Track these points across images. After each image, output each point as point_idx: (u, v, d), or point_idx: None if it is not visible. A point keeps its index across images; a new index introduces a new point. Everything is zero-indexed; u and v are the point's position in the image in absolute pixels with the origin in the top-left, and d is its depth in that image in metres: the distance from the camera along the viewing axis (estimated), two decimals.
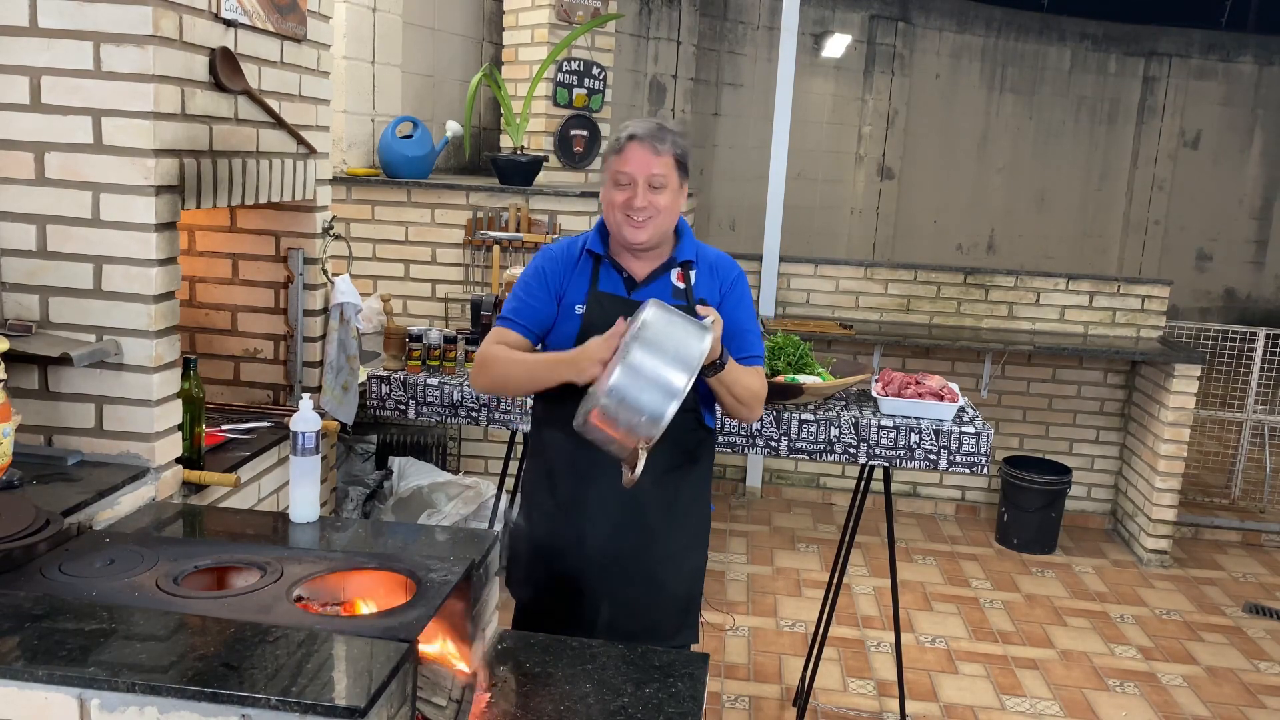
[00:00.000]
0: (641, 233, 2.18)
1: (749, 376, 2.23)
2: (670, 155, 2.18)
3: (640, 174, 2.15)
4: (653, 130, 2.17)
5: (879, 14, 9.61)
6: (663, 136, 2.17)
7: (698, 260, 2.30)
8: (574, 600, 2.29)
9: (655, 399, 1.88)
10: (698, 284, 2.27)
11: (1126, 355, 5.05)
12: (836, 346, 5.28)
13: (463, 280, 4.54)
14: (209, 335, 3.05)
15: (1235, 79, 11.12)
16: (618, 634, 2.23)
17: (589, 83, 5.42)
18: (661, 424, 1.88)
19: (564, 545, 2.29)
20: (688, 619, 2.38)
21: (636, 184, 2.16)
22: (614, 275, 2.27)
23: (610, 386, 1.89)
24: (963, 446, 3.01)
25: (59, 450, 2.22)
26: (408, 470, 4.10)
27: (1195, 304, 11.36)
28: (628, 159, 2.17)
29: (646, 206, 2.16)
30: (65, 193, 2.15)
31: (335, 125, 4.52)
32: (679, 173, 2.21)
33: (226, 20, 2.37)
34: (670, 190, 2.19)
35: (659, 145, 2.16)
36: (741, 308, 2.32)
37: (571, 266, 2.28)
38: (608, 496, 2.23)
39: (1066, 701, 3.70)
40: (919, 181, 10.25)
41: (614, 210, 2.19)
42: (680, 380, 1.89)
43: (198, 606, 1.67)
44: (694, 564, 2.39)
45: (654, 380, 1.89)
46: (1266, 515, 5.69)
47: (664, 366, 1.90)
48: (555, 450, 2.30)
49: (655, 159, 2.16)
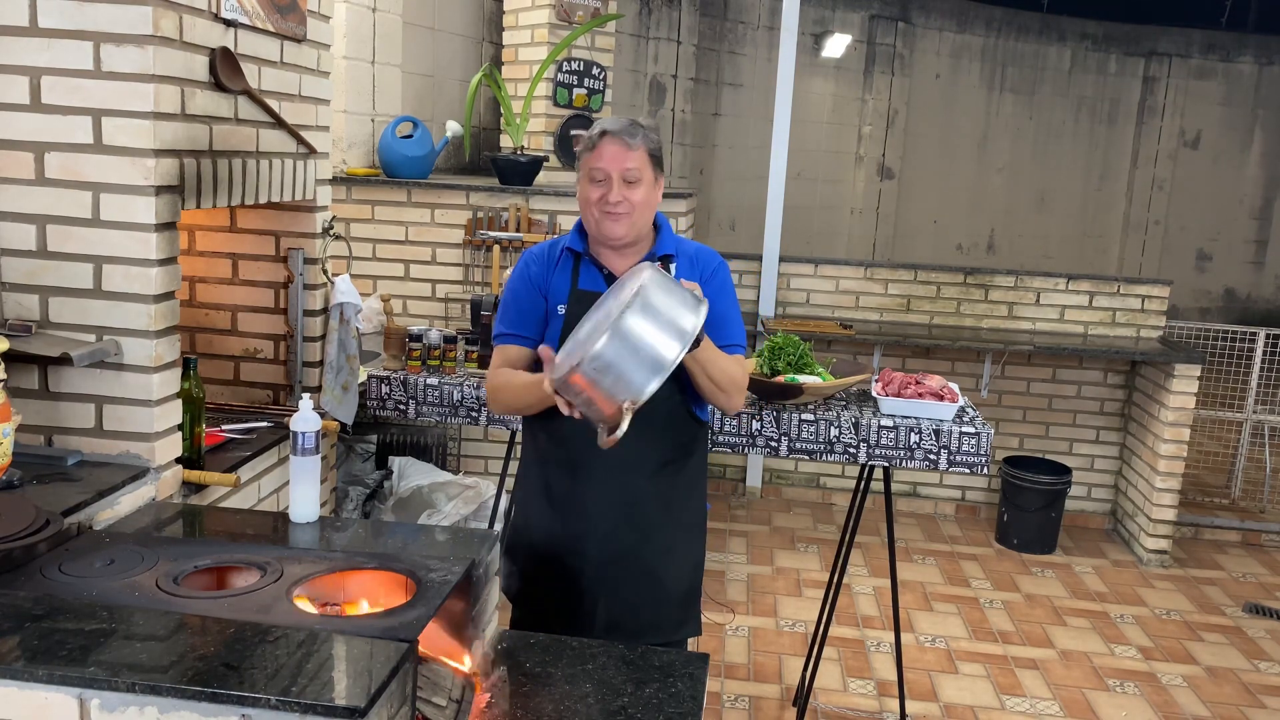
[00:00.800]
0: (618, 227, 2.18)
1: (727, 361, 2.21)
2: (643, 149, 2.18)
3: (614, 169, 2.15)
4: (624, 126, 2.17)
5: (879, 14, 9.61)
6: (634, 132, 2.17)
7: (677, 254, 2.30)
8: (573, 600, 2.28)
9: (644, 368, 1.80)
10: (677, 276, 2.26)
11: (1126, 355, 5.05)
12: (836, 346, 5.28)
13: (463, 280, 4.54)
14: (209, 335, 3.05)
15: (1235, 79, 11.12)
16: (620, 631, 2.23)
17: (589, 83, 5.42)
18: (647, 391, 1.81)
19: (561, 544, 2.29)
20: (689, 612, 2.38)
21: (611, 179, 2.16)
22: (594, 272, 2.27)
23: (596, 352, 1.80)
24: (963, 446, 3.01)
25: (59, 450, 2.22)
26: (408, 470, 4.10)
27: (1195, 304, 11.36)
28: (601, 155, 2.17)
29: (622, 201, 2.16)
30: (65, 193, 2.15)
31: (335, 125, 4.52)
32: (653, 167, 2.21)
33: (226, 20, 2.37)
34: (645, 184, 2.19)
35: (631, 140, 2.16)
36: (723, 296, 2.30)
37: (552, 266, 2.29)
38: (603, 494, 2.23)
39: (1066, 701, 3.70)
40: (919, 181, 10.25)
41: (590, 207, 2.19)
42: (672, 351, 1.82)
43: (198, 606, 1.67)
44: (692, 557, 2.39)
45: (646, 348, 1.81)
46: (1266, 515, 5.69)
47: (658, 334, 1.82)
48: (548, 448, 2.30)
49: (629, 153, 2.16)
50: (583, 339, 1.93)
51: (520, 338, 2.28)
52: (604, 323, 1.85)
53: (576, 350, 1.90)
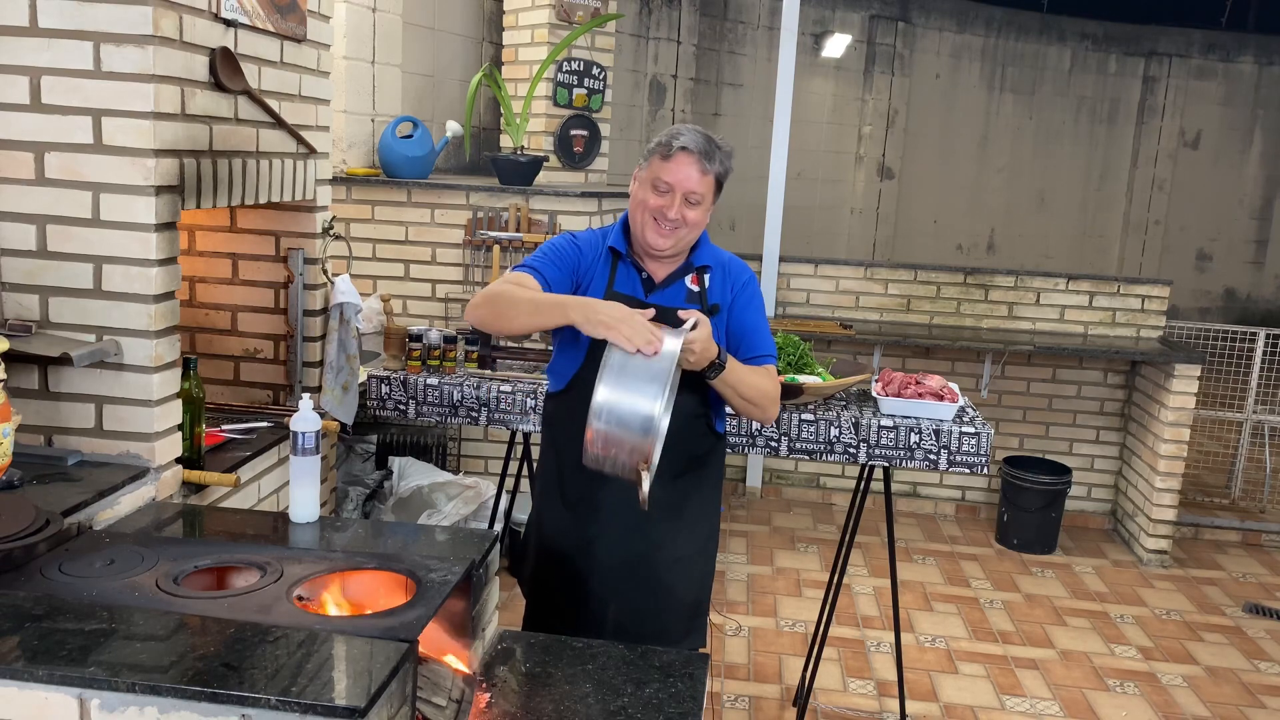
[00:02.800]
0: (666, 241, 2.18)
1: (756, 376, 2.20)
2: (714, 176, 2.18)
3: (681, 187, 2.15)
4: (705, 147, 2.15)
5: (879, 14, 9.61)
6: (713, 156, 2.16)
7: (714, 265, 2.31)
8: (583, 602, 2.29)
9: (635, 424, 1.86)
10: (711, 287, 2.27)
11: (1126, 355, 5.05)
12: (836, 346, 5.28)
13: (463, 280, 4.54)
14: (209, 335, 3.05)
15: (1235, 79, 11.12)
16: (626, 636, 2.23)
17: (589, 83, 5.42)
18: (648, 445, 1.86)
19: (573, 546, 2.29)
20: (696, 623, 2.38)
21: (675, 194, 2.15)
22: (633, 275, 2.26)
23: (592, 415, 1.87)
24: (963, 446, 3.01)
25: (59, 450, 2.22)
26: (408, 470, 4.10)
27: (1195, 304, 11.37)
28: (673, 168, 2.15)
29: (679, 220, 2.16)
30: (65, 193, 2.15)
31: (335, 125, 4.52)
32: (715, 192, 2.22)
33: (226, 20, 2.37)
34: (704, 208, 2.19)
35: (707, 164, 2.15)
36: (751, 308, 2.31)
37: (597, 259, 2.28)
38: (618, 499, 2.22)
39: (1066, 701, 3.70)
40: (919, 181, 10.25)
41: (644, 211, 2.18)
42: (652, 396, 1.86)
43: (198, 606, 1.67)
44: (703, 569, 2.38)
45: (630, 408, 1.86)
46: (1266, 515, 5.69)
47: (634, 391, 1.87)
48: (565, 449, 2.29)
49: (700, 177, 2.15)
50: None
51: (542, 277, 2.19)
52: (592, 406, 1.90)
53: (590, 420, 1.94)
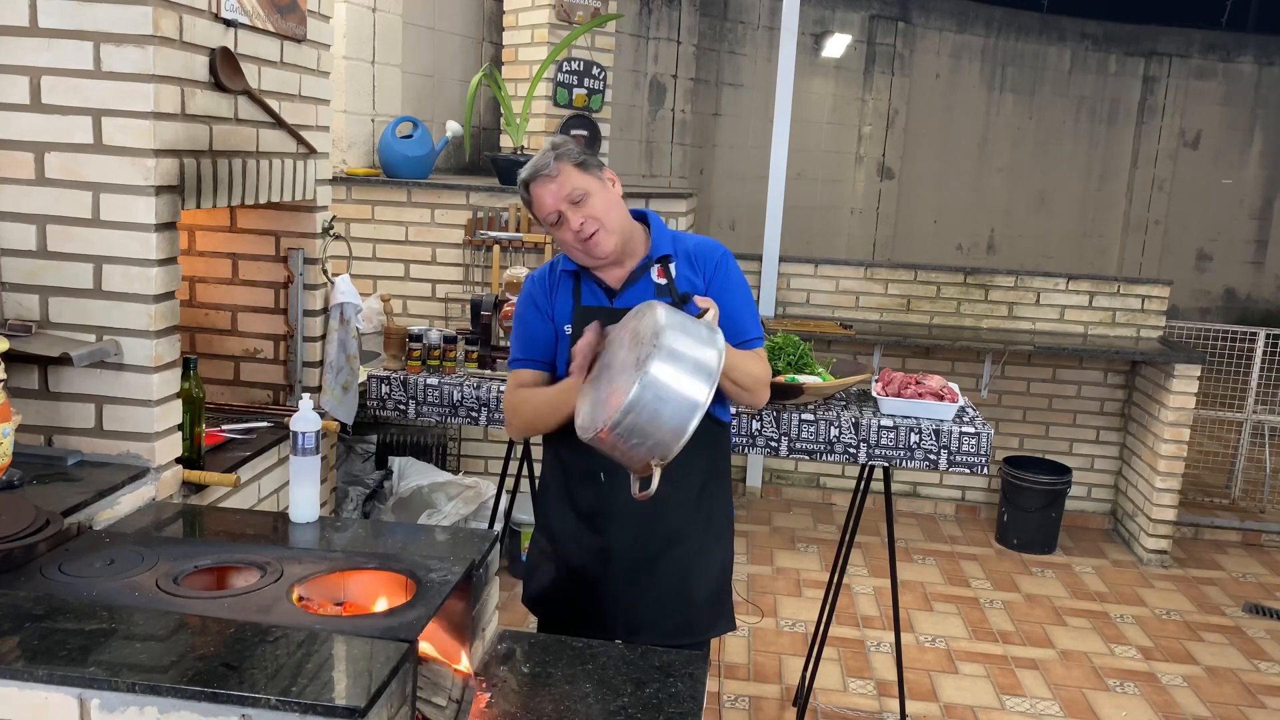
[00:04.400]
0: (599, 246, 2.16)
1: (748, 361, 2.18)
2: (565, 167, 2.15)
3: (559, 204, 2.14)
4: (540, 163, 2.16)
5: (879, 14, 9.61)
6: (547, 163, 2.15)
7: (675, 254, 2.26)
8: (604, 605, 2.27)
9: (676, 416, 1.74)
10: (678, 276, 2.25)
11: (1126, 355, 5.05)
12: (836, 346, 5.28)
13: (463, 280, 4.54)
14: (209, 335, 3.05)
15: (1235, 79, 11.12)
16: (655, 632, 2.23)
17: (589, 83, 5.42)
18: (681, 442, 1.76)
19: (590, 553, 2.28)
20: (722, 609, 2.38)
21: (562, 213, 2.15)
22: (595, 288, 2.26)
23: (629, 402, 1.73)
24: (963, 446, 3.01)
25: (59, 450, 2.22)
26: (408, 470, 4.10)
27: (1195, 304, 11.37)
28: (538, 202, 2.17)
29: (585, 221, 2.14)
30: (65, 193, 2.15)
31: (335, 125, 4.52)
32: (587, 173, 2.17)
33: (226, 20, 2.37)
34: (595, 193, 2.15)
35: (549, 172, 2.15)
36: (730, 290, 2.24)
37: (554, 288, 2.28)
38: (629, 504, 2.20)
39: (1066, 701, 3.70)
40: (919, 181, 10.25)
41: (569, 247, 2.19)
42: (702, 394, 1.75)
43: (198, 606, 1.67)
44: (721, 557, 2.38)
45: (675, 395, 1.74)
46: (1266, 515, 5.69)
47: (685, 378, 1.75)
48: (570, 460, 2.28)
49: (554, 183, 2.14)
50: (605, 397, 1.87)
51: (533, 361, 2.29)
52: (624, 386, 1.77)
53: (601, 412, 1.84)
